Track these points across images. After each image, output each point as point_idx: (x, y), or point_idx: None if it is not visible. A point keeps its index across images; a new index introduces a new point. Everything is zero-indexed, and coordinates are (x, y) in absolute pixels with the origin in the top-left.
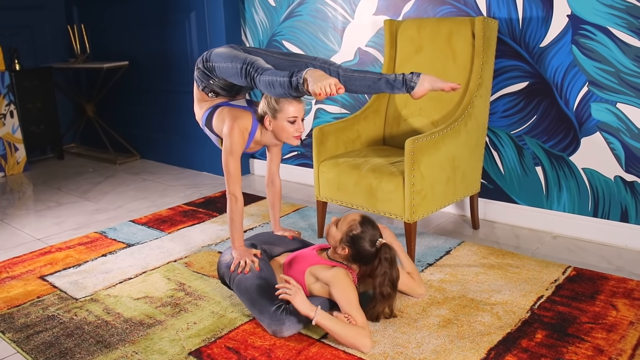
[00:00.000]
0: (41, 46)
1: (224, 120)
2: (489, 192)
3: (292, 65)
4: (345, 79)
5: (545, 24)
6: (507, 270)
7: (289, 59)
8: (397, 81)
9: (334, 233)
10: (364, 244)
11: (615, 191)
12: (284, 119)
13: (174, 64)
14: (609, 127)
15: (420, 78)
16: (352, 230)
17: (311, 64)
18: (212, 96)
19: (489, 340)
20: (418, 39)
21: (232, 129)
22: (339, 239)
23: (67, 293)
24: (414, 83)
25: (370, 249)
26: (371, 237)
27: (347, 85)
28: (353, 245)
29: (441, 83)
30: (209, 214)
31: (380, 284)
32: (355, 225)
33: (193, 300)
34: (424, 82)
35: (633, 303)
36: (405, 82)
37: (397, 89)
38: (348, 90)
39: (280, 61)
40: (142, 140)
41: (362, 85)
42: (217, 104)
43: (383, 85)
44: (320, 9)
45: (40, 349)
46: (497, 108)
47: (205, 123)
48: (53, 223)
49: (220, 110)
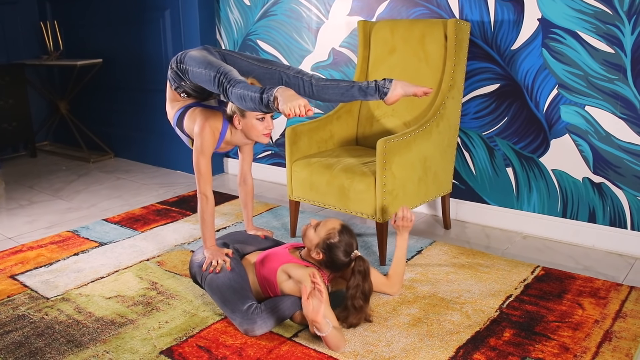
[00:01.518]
0: (13, 42)
1: (194, 120)
2: (461, 193)
3: (266, 73)
4: (318, 89)
5: (516, 27)
6: (478, 269)
7: (262, 65)
8: (369, 88)
9: (311, 236)
10: (339, 253)
11: (583, 192)
12: (252, 117)
13: (149, 62)
14: (577, 130)
15: (392, 84)
16: (329, 238)
17: (284, 72)
18: (184, 96)
19: (457, 338)
20: (391, 40)
21: (203, 129)
22: (316, 243)
23: (38, 292)
24: (387, 89)
25: (344, 259)
26: (347, 247)
27: (321, 95)
28: (328, 253)
29: (414, 88)
30: (182, 213)
31: (352, 296)
32: (333, 233)
33: (165, 299)
34: (396, 88)
35: (599, 302)
36: (378, 88)
37: (370, 96)
38: (321, 100)
39: (254, 67)
40: (116, 138)
41: (335, 93)
42: (189, 104)
43: (356, 93)
44: (295, 9)
45: (9, 349)
46: (469, 109)
47: (176, 123)
48: (25, 222)
49: (192, 110)
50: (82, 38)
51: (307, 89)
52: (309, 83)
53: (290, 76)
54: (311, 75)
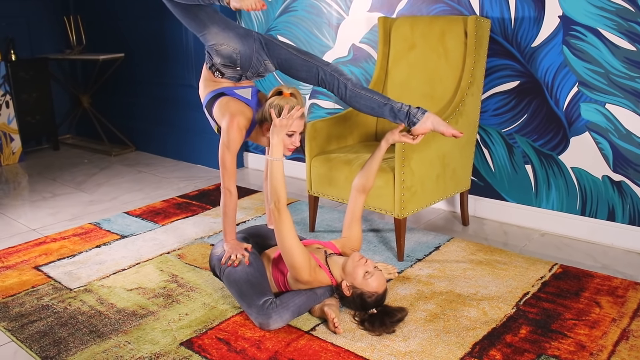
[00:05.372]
0: (37, 37)
1: (224, 113)
2: (479, 189)
3: (304, 65)
4: (352, 94)
5: (537, 24)
6: (495, 266)
7: (301, 57)
8: (401, 112)
9: (359, 275)
10: (364, 304)
11: (602, 190)
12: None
13: (170, 56)
14: (597, 128)
15: (424, 116)
16: (367, 295)
17: (322, 68)
18: (217, 75)
19: (474, 334)
20: (411, 36)
21: (231, 126)
22: (355, 284)
23: (61, 283)
24: (417, 119)
25: (361, 309)
26: (373, 304)
27: (351, 101)
28: (356, 297)
29: (444, 127)
30: (202, 207)
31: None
32: (374, 295)
33: (185, 292)
34: (427, 121)
35: (616, 300)
36: (409, 115)
37: (399, 119)
38: (350, 105)
39: (293, 57)
40: (137, 132)
41: (366, 106)
42: (222, 90)
43: (387, 112)
44: (315, 5)
45: (34, 338)
46: (489, 106)
47: (206, 105)
48: (48, 214)
49: (224, 100)
50: (104, 32)
51: (341, 91)
52: (344, 86)
53: (327, 73)
54: (349, 79)
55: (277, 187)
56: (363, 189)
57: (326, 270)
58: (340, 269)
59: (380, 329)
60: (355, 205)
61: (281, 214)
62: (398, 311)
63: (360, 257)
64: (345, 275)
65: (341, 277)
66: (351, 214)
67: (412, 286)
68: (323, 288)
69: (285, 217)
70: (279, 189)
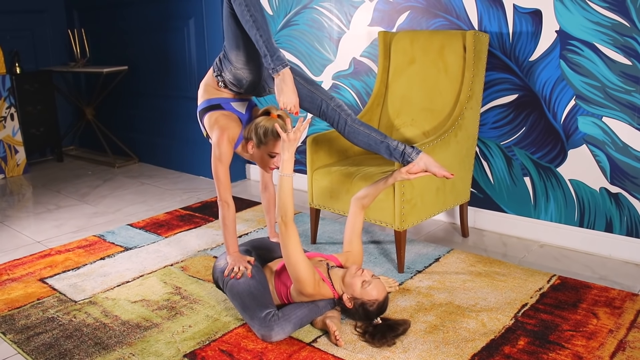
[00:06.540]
0: (42, 50)
1: (213, 127)
2: (479, 201)
3: (308, 95)
4: (350, 130)
5: (534, 38)
6: (494, 278)
7: (307, 86)
8: (396, 151)
9: (357, 285)
10: (367, 314)
11: (600, 202)
12: (266, 152)
13: (173, 69)
14: (595, 140)
15: (419, 156)
16: (368, 304)
17: (326, 102)
18: (221, 86)
19: (472, 346)
20: (411, 50)
21: (221, 141)
22: (356, 295)
23: (66, 295)
24: (411, 159)
25: (364, 319)
26: (376, 313)
27: (349, 136)
28: (358, 308)
29: (436, 168)
30: (205, 219)
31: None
32: (375, 302)
33: (188, 304)
34: (420, 162)
35: (613, 311)
36: (404, 155)
37: (394, 158)
38: (347, 139)
39: (299, 86)
40: (140, 144)
41: (364, 142)
42: (219, 101)
43: (383, 149)
44: (317, 19)
45: (40, 350)
46: (487, 119)
47: (199, 111)
48: (53, 226)
49: (215, 114)
50: (108, 45)
51: (341, 126)
52: (344, 121)
53: (330, 107)
54: (348, 114)
55: (286, 202)
56: (362, 207)
57: (328, 284)
58: (341, 281)
59: (381, 342)
60: (355, 221)
61: (288, 228)
62: (400, 324)
63: (357, 269)
64: (345, 288)
65: (342, 289)
66: (351, 230)
67: (412, 298)
68: (325, 300)
69: (292, 231)
70: (287, 204)
